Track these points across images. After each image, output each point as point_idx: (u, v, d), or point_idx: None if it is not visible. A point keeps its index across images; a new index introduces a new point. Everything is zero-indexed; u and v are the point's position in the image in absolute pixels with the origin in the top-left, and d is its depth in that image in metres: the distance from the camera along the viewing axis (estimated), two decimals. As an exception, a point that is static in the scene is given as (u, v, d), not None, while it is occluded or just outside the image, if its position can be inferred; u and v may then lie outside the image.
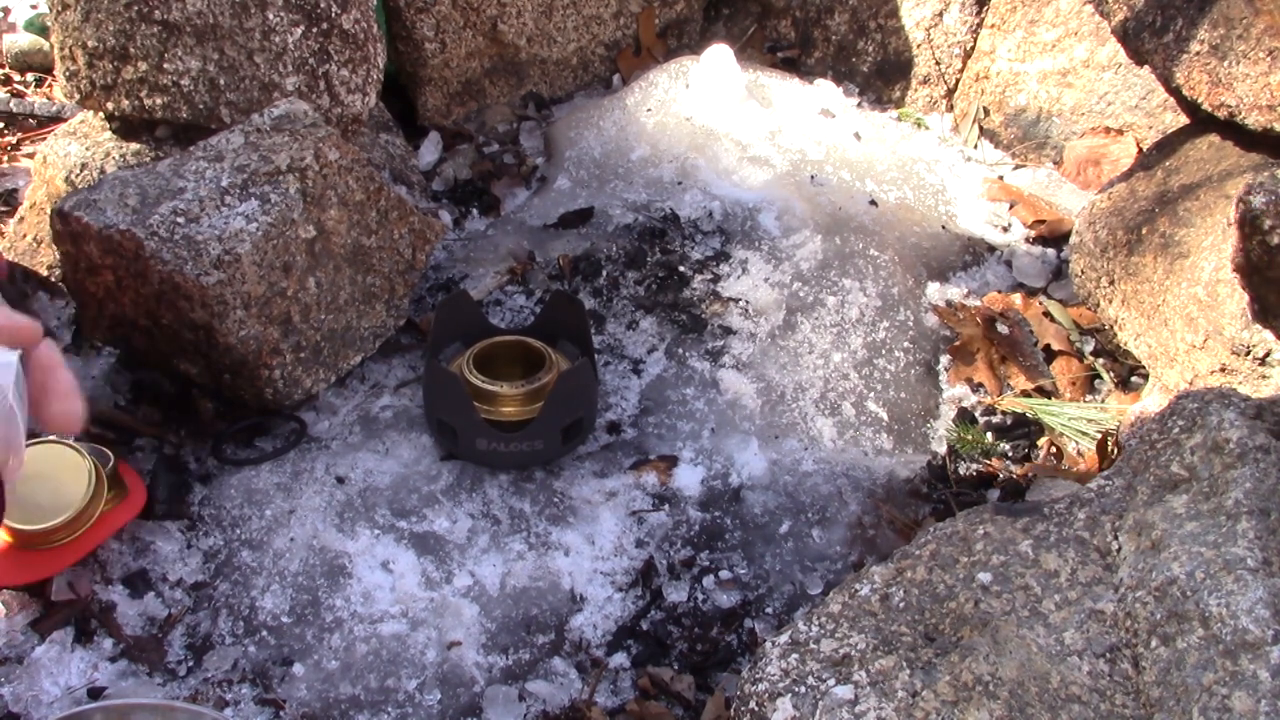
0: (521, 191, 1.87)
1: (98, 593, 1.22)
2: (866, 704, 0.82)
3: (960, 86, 2.09)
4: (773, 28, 2.17)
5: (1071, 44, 1.91)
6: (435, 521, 1.33)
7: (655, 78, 1.97)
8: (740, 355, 1.54)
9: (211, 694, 1.16)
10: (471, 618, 1.24)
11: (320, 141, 1.38)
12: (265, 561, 1.28)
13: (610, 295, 1.62)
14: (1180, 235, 1.40)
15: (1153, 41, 1.46)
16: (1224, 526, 0.85)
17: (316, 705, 1.16)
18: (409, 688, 1.18)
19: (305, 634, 1.22)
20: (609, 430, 1.45)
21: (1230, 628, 0.78)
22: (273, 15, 1.46)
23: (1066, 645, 0.85)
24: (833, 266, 1.66)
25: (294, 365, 1.37)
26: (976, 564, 0.92)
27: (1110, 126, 1.91)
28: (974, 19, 2.03)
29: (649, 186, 1.81)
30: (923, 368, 1.59)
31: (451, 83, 1.94)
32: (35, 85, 2.17)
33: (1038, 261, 1.81)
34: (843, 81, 2.14)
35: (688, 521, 1.35)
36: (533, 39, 1.97)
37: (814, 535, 1.35)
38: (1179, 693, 0.78)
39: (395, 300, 1.49)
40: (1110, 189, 1.62)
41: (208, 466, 1.37)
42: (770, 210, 1.75)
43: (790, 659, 0.88)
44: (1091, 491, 0.98)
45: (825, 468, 1.42)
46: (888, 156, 1.96)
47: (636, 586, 1.29)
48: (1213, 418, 0.94)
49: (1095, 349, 1.66)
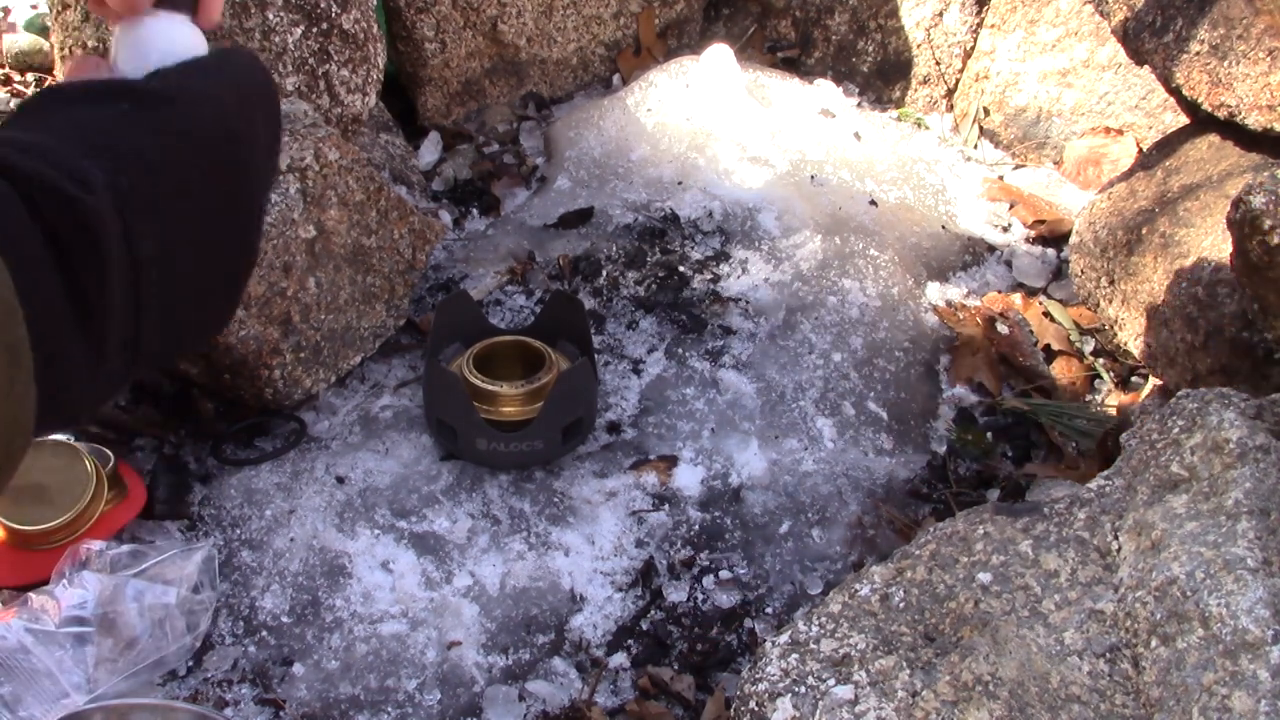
0: (521, 191, 1.87)
1: (98, 593, 1.22)
2: (866, 704, 0.82)
3: (960, 86, 2.09)
4: (773, 28, 2.17)
5: (1071, 44, 1.91)
6: (435, 521, 1.33)
7: (655, 78, 1.97)
8: (740, 355, 1.54)
9: (211, 694, 1.16)
10: (471, 618, 1.24)
11: (320, 141, 1.38)
12: (265, 561, 1.28)
13: (610, 295, 1.62)
14: (1180, 235, 1.40)
15: (1153, 41, 1.46)
16: (1224, 526, 0.85)
17: (316, 705, 1.16)
18: (409, 688, 1.18)
19: (305, 634, 1.22)
20: (609, 430, 1.45)
21: (1230, 628, 0.78)
22: (272, 15, 1.46)
23: (1066, 645, 0.85)
24: (833, 266, 1.66)
25: (294, 365, 1.37)
26: (976, 564, 0.92)
27: (1110, 126, 1.91)
28: (974, 19, 2.03)
29: (649, 186, 1.81)
30: (923, 368, 1.59)
31: (451, 83, 1.94)
32: (35, 85, 2.17)
33: (1038, 261, 1.81)
34: (843, 81, 2.14)
35: (688, 521, 1.35)
36: (533, 39, 1.97)
37: (814, 535, 1.35)
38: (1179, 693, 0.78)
39: (395, 300, 1.49)
40: (1110, 189, 1.62)
41: (208, 466, 1.37)
42: (770, 210, 1.75)
43: (790, 659, 0.88)
44: (1091, 491, 0.98)
45: (825, 468, 1.42)
46: (888, 156, 1.96)
47: (636, 586, 1.29)
48: (1213, 418, 0.94)
49: (1095, 349, 1.66)
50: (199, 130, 0.56)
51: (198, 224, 0.55)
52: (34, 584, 1.20)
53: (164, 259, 0.52)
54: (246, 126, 0.59)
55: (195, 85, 0.59)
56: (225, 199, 0.57)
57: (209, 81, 0.59)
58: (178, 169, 0.54)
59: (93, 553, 1.15)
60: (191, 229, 0.55)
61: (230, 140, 0.58)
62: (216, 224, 0.57)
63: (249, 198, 0.60)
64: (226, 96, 0.59)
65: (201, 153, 0.56)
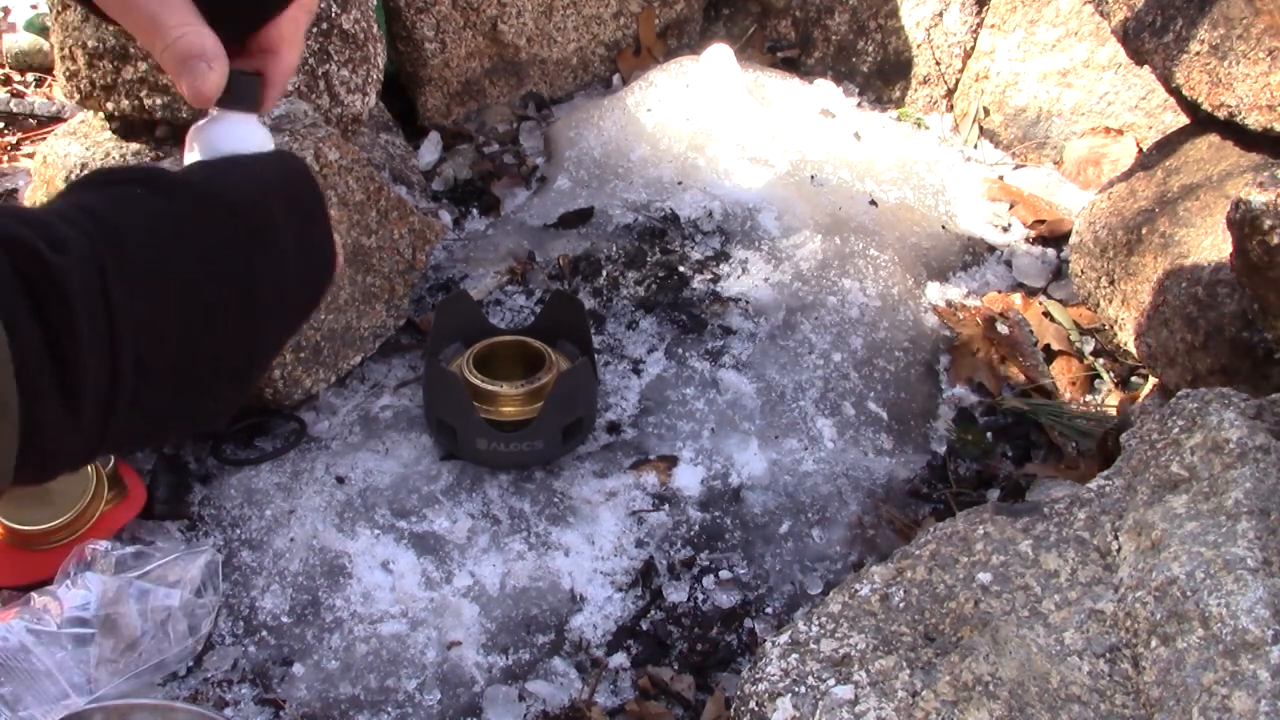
0: (521, 191, 1.87)
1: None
2: (866, 704, 0.82)
3: (960, 86, 2.09)
4: (773, 28, 2.17)
5: (1071, 44, 1.91)
6: (435, 521, 1.33)
7: (655, 78, 1.97)
8: (740, 355, 1.54)
9: (211, 694, 1.16)
10: (471, 618, 1.24)
11: (320, 141, 1.38)
12: (265, 561, 1.28)
13: (610, 295, 1.62)
14: (1180, 235, 1.40)
15: (1153, 41, 1.46)
16: (1224, 526, 0.85)
17: (316, 705, 1.16)
18: (409, 688, 1.18)
19: (305, 634, 1.22)
20: (609, 430, 1.45)
21: (1230, 628, 0.78)
22: (273, 15, 1.46)
23: (1066, 645, 0.85)
24: (833, 266, 1.66)
25: (294, 365, 1.37)
26: (976, 564, 0.92)
27: (1110, 126, 1.91)
28: (974, 19, 2.03)
29: (649, 186, 1.81)
30: (923, 368, 1.59)
31: (451, 83, 1.94)
32: (35, 85, 2.17)
33: (1038, 261, 1.81)
34: (843, 81, 2.14)
35: (688, 521, 1.35)
36: (533, 39, 1.97)
37: (814, 535, 1.35)
38: (1179, 693, 0.78)
39: (395, 300, 1.49)
40: (1110, 189, 1.62)
41: (208, 466, 1.37)
42: (770, 210, 1.75)
43: (790, 659, 0.88)
44: (1091, 491, 0.98)
45: (825, 468, 1.42)
46: (888, 156, 1.96)
47: (636, 586, 1.29)
48: (1213, 418, 0.94)
49: (1095, 349, 1.66)
50: (199, 214, 0.58)
51: (188, 304, 0.57)
52: (34, 584, 1.20)
53: (146, 329, 0.54)
54: (261, 219, 0.61)
55: (216, 176, 0.62)
56: (224, 287, 0.58)
57: (234, 174, 0.63)
58: (167, 246, 0.56)
59: (98, 553, 1.15)
60: (180, 308, 0.56)
61: (238, 229, 0.60)
62: (213, 310, 0.58)
63: (256, 291, 0.60)
64: (247, 189, 0.62)
65: (198, 235, 0.57)
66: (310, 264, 0.66)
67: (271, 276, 0.61)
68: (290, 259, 0.62)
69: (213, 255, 0.58)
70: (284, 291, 0.62)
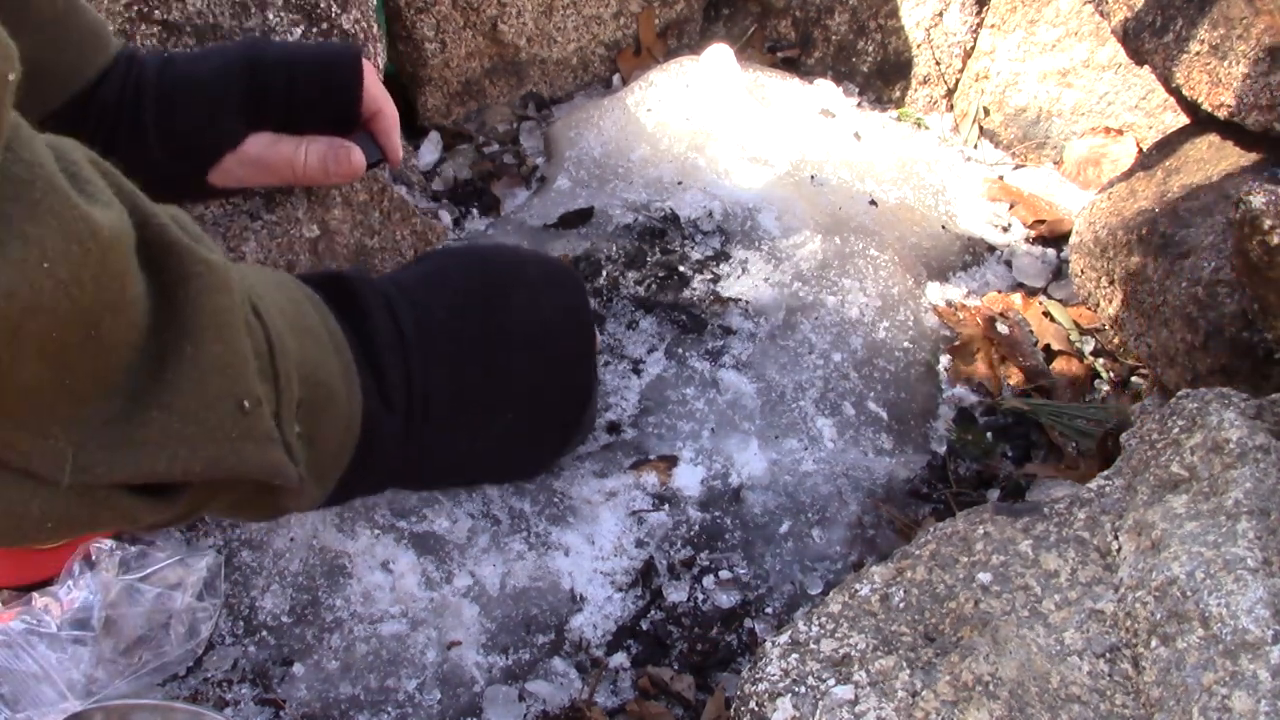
0: (521, 191, 1.87)
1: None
2: (866, 704, 0.82)
3: (960, 86, 2.09)
4: (773, 28, 2.17)
5: (1071, 44, 1.91)
6: (435, 521, 1.33)
7: (655, 78, 1.97)
8: (740, 355, 1.54)
9: (211, 694, 1.16)
10: (471, 618, 1.24)
11: (320, 141, 1.38)
12: (265, 561, 1.28)
13: (610, 295, 1.63)
14: (1180, 235, 1.40)
15: (1153, 41, 1.46)
16: (1224, 526, 0.85)
17: (316, 705, 1.16)
18: (409, 688, 1.18)
19: (305, 634, 1.22)
20: (609, 430, 1.45)
21: (1230, 628, 0.78)
22: (273, 15, 1.46)
23: (1066, 645, 0.85)
24: (833, 266, 1.66)
25: (294, 365, 1.37)
26: (976, 564, 0.92)
27: (1110, 126, 1.91)
28: (974, 19, 2.03)
29: (649, 186, 1.81)
30: (923, 368, 1.59)
31: (451, 83, 1.94)
32: (35, 85, 2.17)
33: (1038, 261, 1.81)
34: (843, 81, 2.14)
35: (688, 521, 1.35)
36: (533, 39, 1.97)
37: (814, 535, 1.35)
38: (1179, 693, 0.78)
39: (395, 300, 1.49)
40: (1110, 189, 1.62)
41: (208, 466, 1.37)
42: (770, 210, 1.75)
43: (790, 659, 0.88)
44: (1091, 491, 0.98)
45: (825, 468, 1.42)
46: (888, 156, 1.96)
47: (636, 586, 1.29)
48: (1213, 418, 0.94)
49: (1095, 349, 1.66)
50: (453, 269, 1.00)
51: (468, 345, 0.87)
52: (34, 584, 1.20)
53: (427, 343, 0.89)
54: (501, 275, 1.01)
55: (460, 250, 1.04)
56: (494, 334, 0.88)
57: (479, 247, 0.96)
58: (436, 294, 0.92)
59: (102, 553, 1.15)
60: (461, 345, 0.91)
61: (486, 278, 0.97)
62: (491, 353, 0.87)
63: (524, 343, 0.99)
64: (485, 254, 1.04)
65: (455, 282, 0.97)
66: (573, 340, 1.19)
67: (537, 324, 1.10)
68: (571, 341, 1.13)
69: (473, 303, 1.03)
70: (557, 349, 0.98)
